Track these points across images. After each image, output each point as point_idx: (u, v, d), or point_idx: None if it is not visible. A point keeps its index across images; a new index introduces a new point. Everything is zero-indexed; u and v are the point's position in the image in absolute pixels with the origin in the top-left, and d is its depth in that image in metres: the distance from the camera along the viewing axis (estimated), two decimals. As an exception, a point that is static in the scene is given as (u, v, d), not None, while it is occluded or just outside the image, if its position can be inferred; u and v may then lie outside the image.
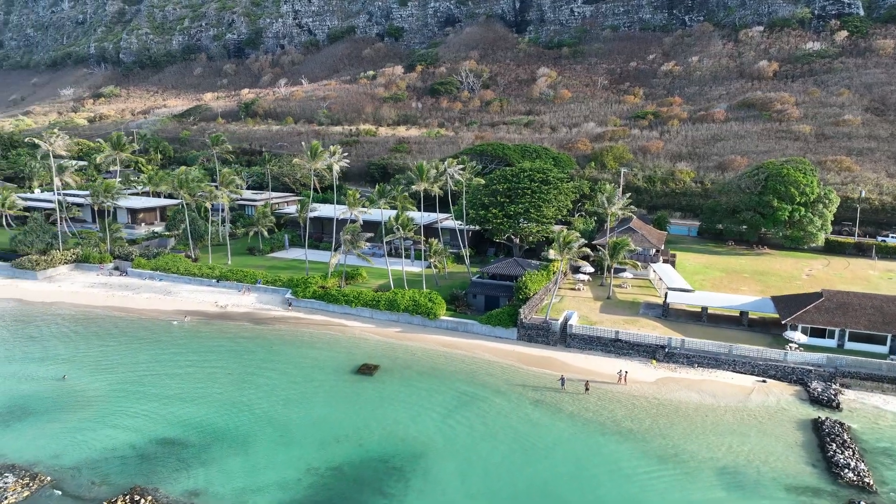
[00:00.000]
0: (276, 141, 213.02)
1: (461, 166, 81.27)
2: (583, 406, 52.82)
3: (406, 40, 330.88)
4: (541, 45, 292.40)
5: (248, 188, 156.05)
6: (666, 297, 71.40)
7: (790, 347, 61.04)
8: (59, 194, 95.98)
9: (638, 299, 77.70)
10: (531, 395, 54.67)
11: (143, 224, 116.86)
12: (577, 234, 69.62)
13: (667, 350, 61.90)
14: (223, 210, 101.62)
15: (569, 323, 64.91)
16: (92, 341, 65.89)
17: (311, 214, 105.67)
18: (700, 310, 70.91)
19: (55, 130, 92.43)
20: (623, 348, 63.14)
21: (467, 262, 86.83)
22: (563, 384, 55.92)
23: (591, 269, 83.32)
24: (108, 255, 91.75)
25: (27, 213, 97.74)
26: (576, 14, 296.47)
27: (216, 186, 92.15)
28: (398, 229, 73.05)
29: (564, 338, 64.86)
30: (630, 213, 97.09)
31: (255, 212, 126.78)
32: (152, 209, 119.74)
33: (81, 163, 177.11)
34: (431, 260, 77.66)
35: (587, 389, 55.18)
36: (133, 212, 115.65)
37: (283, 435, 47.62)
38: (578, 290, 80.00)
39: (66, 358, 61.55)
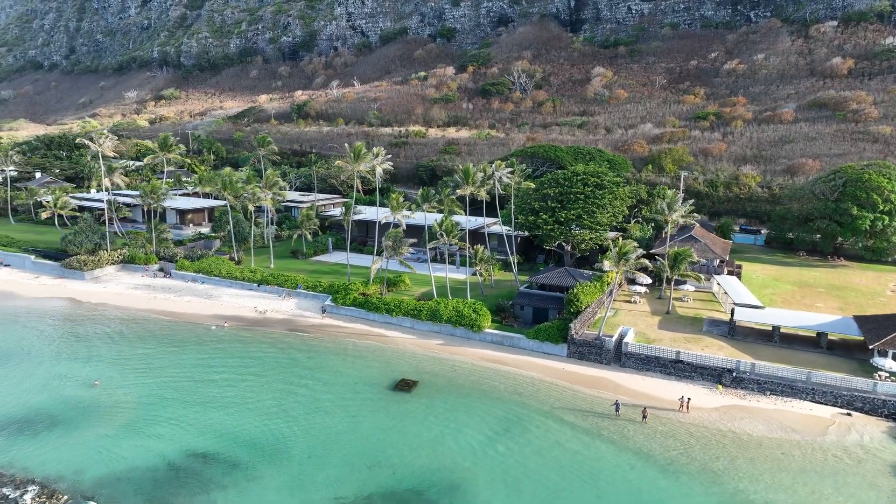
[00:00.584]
0: (326, 142, 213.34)
1: (510, 169, 76.96)
2: (642, 437, 47.70)
3: (458, 41, 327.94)
4: (596, 44, 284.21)
5: (296, 189, 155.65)
6: (732, 314, 65.12)
7: (879, 376, 54.12)
8: (109, 194, 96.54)
9: (700, 315, 71.48)
10: (582, 421, 49.89)
11: (191, 225, 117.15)
12: (635, 244, 64.18)
13: (735, 374, 55.92)
14: (268, 212, 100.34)
15: (624, 340, 59.64)
16: (134, 344, 64.86)
17: (355, 217, 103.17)
18: (771, 329, 64.33)
19: (104, 132, 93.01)
20: (685, 370, 57.51)
21: (515, 270, 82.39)
22: (617, 410, 50.91)
23: (649, 281, 77.51)
24: (154, 257, 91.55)
25: (79, 214, 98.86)
26: (633, 12, 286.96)
27: (261, 188, 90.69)
28: (442, 235, 69.31)
29: (619, 356, 59.69)
30: (692, 220, 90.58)
31: (300, 214, 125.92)
32: (200, 210, 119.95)
33: (138, 163, 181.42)
34: (477, 268, 73.60)
35: (644, 417, 49.96)
36: (181, 213, 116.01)
37: (314, 455, 44.56)
38: (635, 303, 74.37)
39: (108, 359, 60.63)
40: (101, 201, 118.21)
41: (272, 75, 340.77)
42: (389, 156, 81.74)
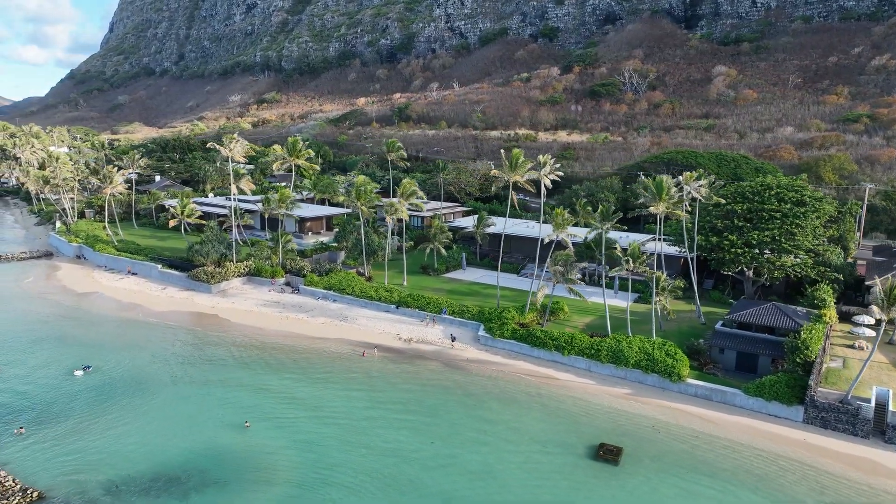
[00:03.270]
0: (431, 146, 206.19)
1: (701, 182, 64.80)
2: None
3: (561, 40, 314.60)
4: (715, 41, 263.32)
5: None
6: None
7: None
8: (234, 201, 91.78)
9: (951, 367, 56.51)
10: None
11: (309, 233, 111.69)
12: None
13: None
14: (394, 222, 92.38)
15: (890, 408, 46.28)
16: (276, 373, 57.80)
17: (491, 230, 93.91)
18: None
19: (235, 135, 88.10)
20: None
21: (697, 300, 69.84)
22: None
23: (873, 320, 62.94)
24: (280, 270, 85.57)
25: (204, 221, 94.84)
26: (758, 5, 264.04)
27: (396, 199, 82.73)
28: (627, 261, 58.07)
29: (883, 428, 46.42)
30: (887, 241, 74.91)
31: (422, 224, 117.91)
32: (319, 218, 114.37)
33: (249, 167, 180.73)
34: (657, 298, 61.82)
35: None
36: (301, 221, 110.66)
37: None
38: (861, 348, 60.22)
39: (250, 389, 53.87)
40: (219, 206, 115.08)
41: (370, 78, 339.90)
42: (558, 164, 71.22)
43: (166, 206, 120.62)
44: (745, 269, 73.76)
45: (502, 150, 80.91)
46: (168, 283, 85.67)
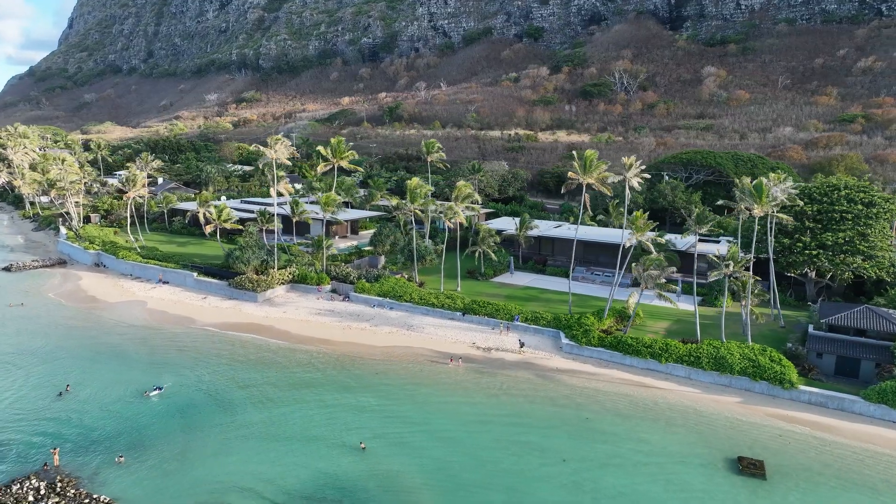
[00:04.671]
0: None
1: (790, 184, 63.83)
2: None
3: (546, 40, 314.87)
4: (701, 42, 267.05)
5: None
6: None
7: None
8: (277, 206, 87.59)
9: None
10: None
11: (336, 237, 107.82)
12: None
13: None
14: (452, 225, 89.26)
15: None
16: (364, 390, 54.25)
17: (534, 233, 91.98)
18: None
19: (279, 136, 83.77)
20: None
21: (777, 304, 68.92)
22: None
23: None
24: (325, 276, 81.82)
25: (241, 227, 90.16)
26: (742, 7, 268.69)
27: (451, 201, 79.76)
28: (728, 265, 56.58)
29: None
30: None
31: (480, 229, 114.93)
32: (342, 222, 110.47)
33: (245, 167, 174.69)
34: (744, 302, 60.67)
35: None
36: (328, 224, 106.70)
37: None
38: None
39: (346, 408, 50.22)
40: (239, 210, 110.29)
41: (353, 77, 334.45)
42: (643, 166, 69.35)
43: (179, 210, 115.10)
44: (808, 270, 73.57)
45: (574, 152, 78.92)
46: (207, 292, 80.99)
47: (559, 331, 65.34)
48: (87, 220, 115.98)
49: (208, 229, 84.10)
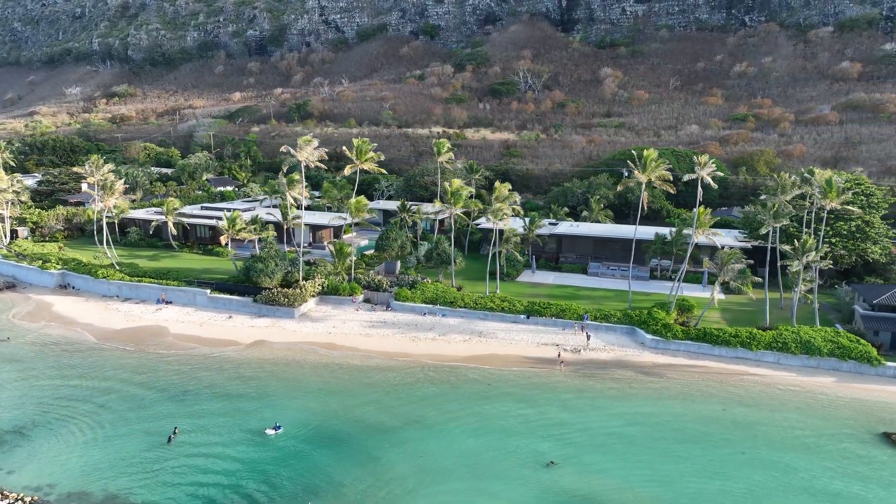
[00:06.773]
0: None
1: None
2: None
3: (443, 39, 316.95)
4: (591, 44, 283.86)
5: (387, 198, 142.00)
6: None
7: None
8: (301, 209, 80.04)
9: None
10: None
11: (322, 242, 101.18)
12: None
13: None
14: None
15: None
16: (496, 402, 51.40)
17: (554, 231, 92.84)
18: None
19: (309, 137, 76.22)
20: None
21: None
22: None
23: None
24: (358, 286, 76.44)
25: (255, 236, 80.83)
26: (627, 13, 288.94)
27: (489, 202, 77.81)
28: (805, 255, 60.76)
29: None
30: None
31: (432, 227, 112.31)
32: (327, 226, 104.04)
33: (164, 170, 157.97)
34: (798, 289, 65.78)
35: None
36: (315, 229, 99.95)
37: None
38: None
39: (500, 431, 47.27)
40: (206, 217, 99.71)
41: (241, 72, 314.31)
42: (715, 165, 71.65)
43: (133, 220, 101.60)
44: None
45: (633, 151, 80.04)
46: (228, 311, 71.94)
47: (633, 327, 66.49)
48: (13, 234, 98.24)
49: (223, 240, 74.88)
